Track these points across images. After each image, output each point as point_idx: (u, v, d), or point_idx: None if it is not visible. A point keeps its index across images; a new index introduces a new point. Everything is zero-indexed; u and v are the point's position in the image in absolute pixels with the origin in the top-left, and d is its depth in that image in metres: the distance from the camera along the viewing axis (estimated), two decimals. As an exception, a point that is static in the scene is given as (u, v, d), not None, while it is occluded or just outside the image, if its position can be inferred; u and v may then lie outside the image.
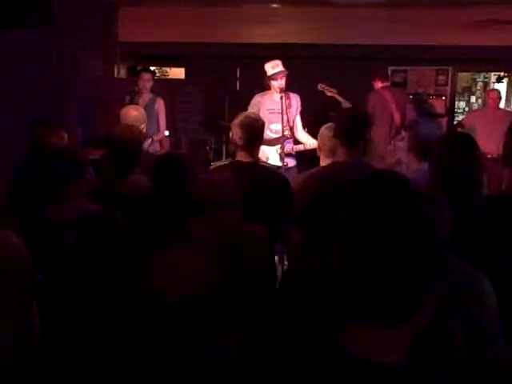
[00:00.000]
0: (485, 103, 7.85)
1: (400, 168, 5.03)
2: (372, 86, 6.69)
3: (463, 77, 9.60)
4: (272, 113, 5.06)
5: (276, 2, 7.81)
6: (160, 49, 8.14)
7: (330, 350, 1.04)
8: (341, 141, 3.15)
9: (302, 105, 5.22)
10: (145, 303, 1.39)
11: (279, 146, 4.89)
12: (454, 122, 8.62)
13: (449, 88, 8.43)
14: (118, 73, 7.84)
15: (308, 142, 4.98)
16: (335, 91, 6.50)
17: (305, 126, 5.29)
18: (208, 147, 6.93)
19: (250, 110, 4.97)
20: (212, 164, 3.99)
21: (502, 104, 7.35)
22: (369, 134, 3.24)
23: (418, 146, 3.76)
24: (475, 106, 10.11)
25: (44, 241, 2.62)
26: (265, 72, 5.11)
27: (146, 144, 4.74)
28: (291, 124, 5.06)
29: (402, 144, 6.36)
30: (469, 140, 2.69)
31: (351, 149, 3.10)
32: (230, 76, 7.84)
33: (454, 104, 8.88)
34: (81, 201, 2.74)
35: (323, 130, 3.67)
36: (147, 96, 6.32)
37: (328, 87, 6.51)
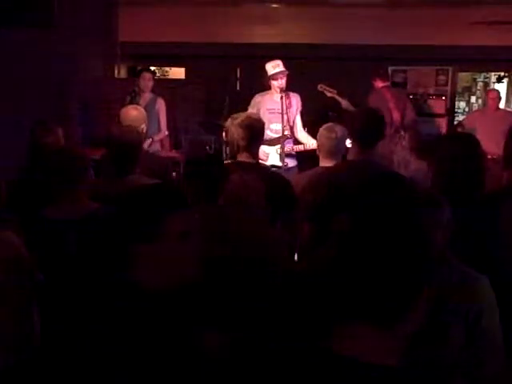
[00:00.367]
0: (485, 103, 7.85)
1: (399, 167, 5.03)
2: (372, 85, 6.68)
3: (463, 77, 9.60)
4: (272, 113, 5.06)
5: (276, 2, 7.82)
6: (160, 49, 8.15)
7: (324, 351, 1.04)
8: (355, 140, 3.16)
9: (302, 105, 5.22)
10: (131, 295, 1.43)
11: (279, 145, 4.89)
12: (454, 122, 8.62)
13: (449, 88, 8.43)
14: (119, 73, 7.84)
15: (308, 142, 4.98)
16: (335, 92, 6.50)
17: (305, 126, 5.29)
18: (208, 147, 6.92)
19: (250, 109, 4.97)
20: None
21: (502, 104, 7.35)
22: (382, 134, 3.26)
23: (419, 146, 3.77)
24: (475, 106, 10.11)
25: (46, 241, 2.61)
26: (265, 72, 5.11)
27: (146, 144, 4.74)
28: (291, 124, 5.05)
29: (402, 143, 6.38)
30: (472, 140, 2.72)
31: (365, 149, 3.12)
32: (230, 76, 7.84)
33: (454, 104, 8.88)
34: (83, 200, 2.74)
35: (322, 130, 3.67)
36: (148, 96, 6.32)
37: (328, 88, 6.51)
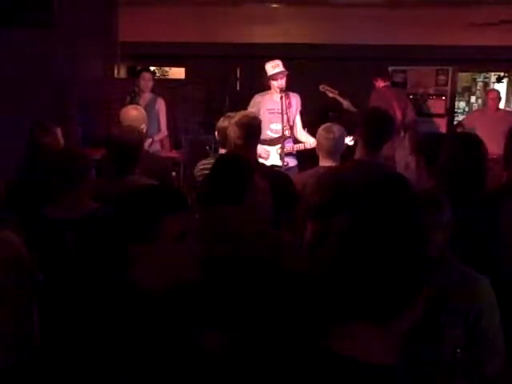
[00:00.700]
0: (485, 103, 7.85)
1: (400, 167, 5.04)
2: (373, 85, 6.69)
3: (463, 77, 9.59)
4: (272, 113, 5.06)
5: (276, 2, 7.82)
6: (160, 49, 8.14)
7: (324, 350, 1.04)
8: (364, 141, 3.16)
9: (302, 105, 5.22)
10: (130, 296, 1.43)
11: (279, 145, 4.89)
12: (454, 122, 8.62)
13: (449, 88, 8.43)
14: (118, 73, 7.84)
15: (308, 141, 4.98)
16: (336, 92, 6.52)
17: (305, 126, 5.29)
18: (208, 147, 6.92)
19: (250, 110, 4.97)
20: (202, 162, 3.94)
21: (501, 104, 7.35)
22: (390, 136, 3.26)
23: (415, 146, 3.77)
24: (475, 106, 10.10)
25: (46, 240, 2.61)
26: (265, 72, 5.11)
27: (146, 144, 4.74)
28: (291, 124, 5.06)
29: (402, 143, 6.39)
30: (473, 140, 2.74)
31: (371, 150, 3.12)
32: (229, 76, 7.84)
33: (454, 104, 8.87)
34: (84, 200, 2.74)
35: (320, 131, 3.68)
36: (148, 96, 6.32)
37: (329, 88, 6.53)
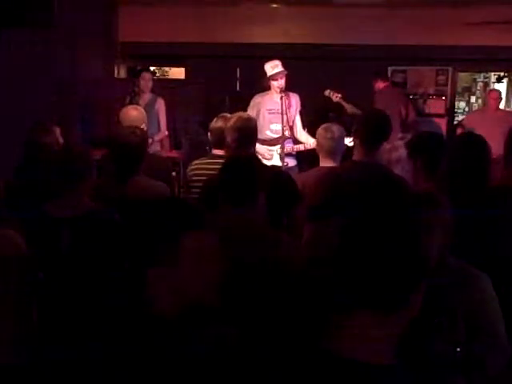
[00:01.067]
0: (485, 103, 7.85)
1: (400, 166, 5.02)
2: (373, 87, 6.72)
3: (463, 77, 9.59)
4: (272, 113, 5.07)
5: (276, 2, 7.81)
6: (160, 49, 8.14)
7: (321, 351, 1.04)
8: (361, 142, 3.16)
9: (302, 105, 5.22)
10: (142, 317, 1.37)
11: (279, 146, 4.90)
12: (454, 122, 8.62)
13: (449, 88, 8.43)
14: (118, 73, 7.84)
15: (308, 141, 4.98)
16: (340, 96, 6.55)
17: (305, 126, 5.29)
18: (208, 147, 6.91)
19: (250, 110, 4.98)
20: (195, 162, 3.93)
21: (501, 104, 7.35)
22: (388, 136, 3.26)
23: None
24: (475, 106, 10.10)
25: (43, 237, 2.62)
26: (265, 72, 5.11)
27: (146, 144, 4.73)
28: (291, 124, 5.06)
29: (402, 143, 6.38)
30: (478, 139, 2.75)
31: (369, 150, 3.12)
32: (230, 76, 7.84)
33: (454, 104, 8.87)
34: (83, 200, 2.74)
35: (320, 131, 3.68)
36: (148, 96, 6.32)
37: (334, 93, 6.56)
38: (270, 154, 4.98)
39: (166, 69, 10.12)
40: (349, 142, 4.03)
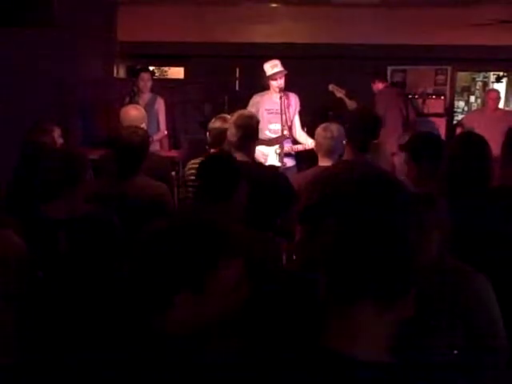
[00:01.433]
0: (484, 103, 7.86)
1: (399, 168, 5.03)
2: (372, 87, 6.73)
3: (462, 76, 9.59)
4: (271, 113, 5.07)
5: (276, 2, 7.82)
6: (159, 48, 8.14)
7: (320, 350, 1.05)
8: (350, 141, 3.17)
9: (302, 105, 5.23)
10: (151, 340, 1.34)
11: (278, 145, 4.89)
12: (454, 121, 8.63)
13: (448, 88, 8.43)
14: (118, 72, 7.85)
15: (307, 141, 4.99)
16: (344, 92, 6.58)
17: (304, 126, 5.30)
18: (208, 147, 6.92)
19: (249, 109, 4.97)
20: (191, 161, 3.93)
21: (501, 104, 7.36)
22: (377, 135, 3.26)
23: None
24: (474, 106, 10.11)
25: (39, 239, 2.62)
26: (264, 72, 5.11)
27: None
28: (290, 124, 5.06)
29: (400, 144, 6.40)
30: (478, 139, 2.76)
31: (358, 149, 3.13)
32: (229, 76, 7.84)
33: (453, 104, 8.88)
34: (78, 201, 2.74)
35: (319, 130, 3.68)
36: (147, 96, 6.32)
37: (338, 88, 6.59)
38: (264, 157, 4.94)
39: (165, 68, 10.12)
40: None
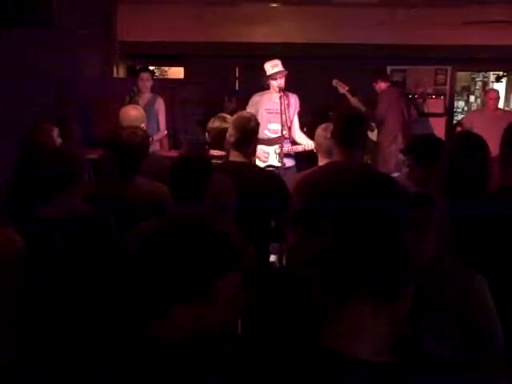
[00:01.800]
0: (484, 103, 7.87)
1: (401, 168, 5.04)
2: (374, 87, 6.74)
3: (462, 76, 9.60)
4: (270, 113, 5.06)
5: (275, 2, 7.82)
6: (159, 48, 8.15)
7: (320, 349, 1.05)
8: (337, 141, 3.18)
9: (302, 105, 5.22)
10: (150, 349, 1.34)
11: (277, 145, 4.89)
12: (453, 121, 8.63)
13: (448, 87, 8.44)
14: (118, 72, 7.85)
15: (306, 143, 4.98)
16: (347, 88, 6.59)
17: (305, 126, 5.29)
18: (207, 147, 6.92)
19: (249, 109, 4.96)
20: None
21: (500, 103, 7.36)
22: (364, 135, 3.27)
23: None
24: (474, 106, 10.11)
25: (35, 239, 2.61)
26: (264, 71, 5.11)
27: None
28: (289, 124, 5.06)
29: (397, 144, 6.41)
30: (477, 139, 2.76)
31: (347, 149, 3.14)
32: (229, 76, 7.84)
33: (453, 103, 8.89)
34: (75, 201, 2.74)
35: (319, 130, 3.69)
36: (147, 95, 6.32)
37: (342, 84, 6.60)
38: (265, 155, 4.95)
39: (165, 68, 10.12)
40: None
